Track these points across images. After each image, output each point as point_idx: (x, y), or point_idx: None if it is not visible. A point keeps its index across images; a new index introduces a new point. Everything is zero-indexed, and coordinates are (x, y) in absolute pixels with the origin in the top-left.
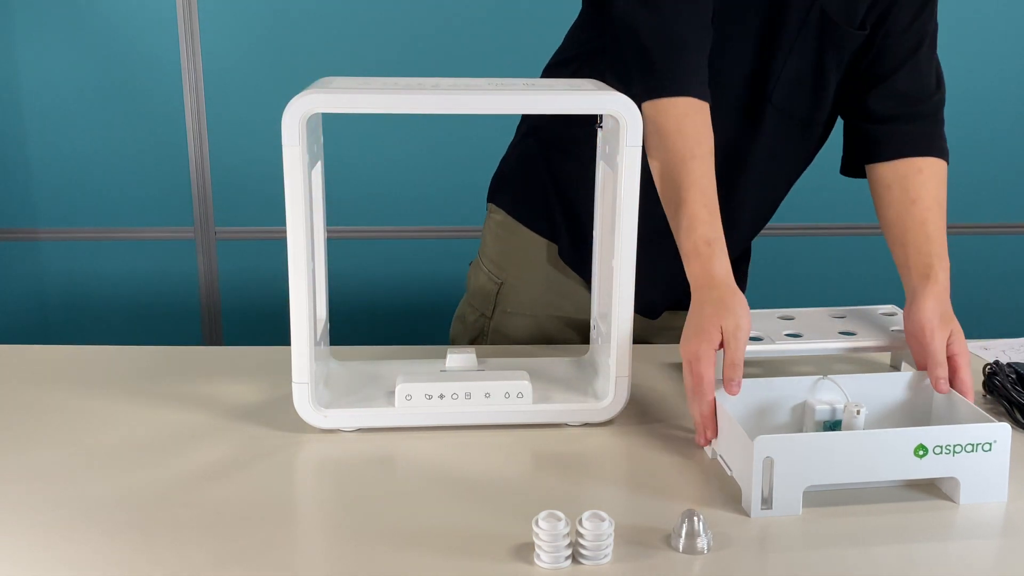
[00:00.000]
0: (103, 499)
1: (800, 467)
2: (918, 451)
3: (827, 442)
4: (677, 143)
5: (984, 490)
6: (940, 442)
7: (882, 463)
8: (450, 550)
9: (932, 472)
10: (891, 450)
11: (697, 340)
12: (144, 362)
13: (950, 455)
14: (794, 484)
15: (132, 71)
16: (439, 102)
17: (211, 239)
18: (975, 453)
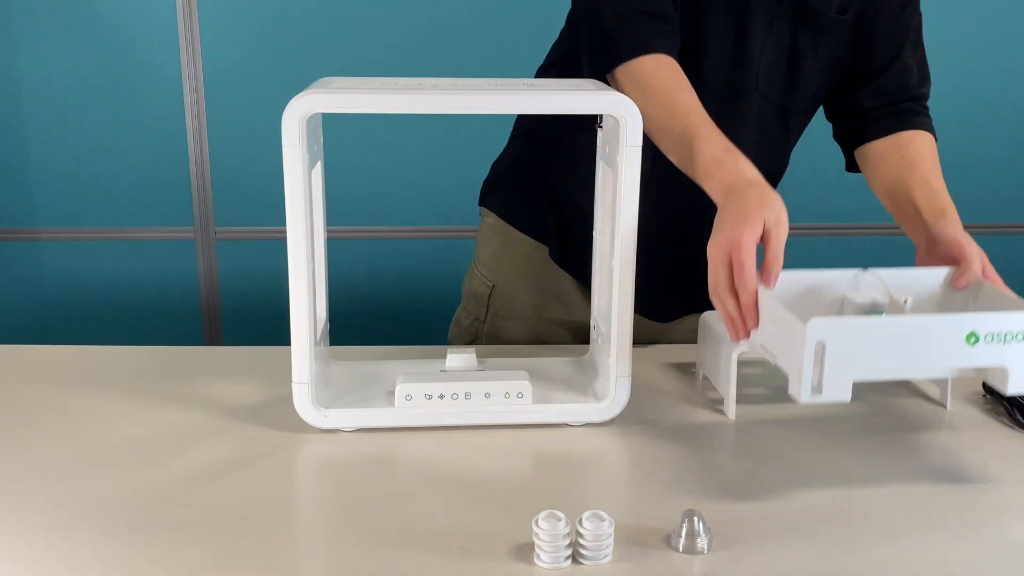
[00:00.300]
0: (103, 499)
1: (852, 353)
2: (969, 338)
3: (881, 327)
4: (659, 86)
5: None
6: (992, 329)
7: (934, 351)
8: (450, 550)
9: (982, 361)
10: (943, 337)
11: (740, 228)
12: (144, 362)
13: (1001, 343)
14: (845, 370)
15: (132, 71)
16: (439, 102)
17: (211, 239)
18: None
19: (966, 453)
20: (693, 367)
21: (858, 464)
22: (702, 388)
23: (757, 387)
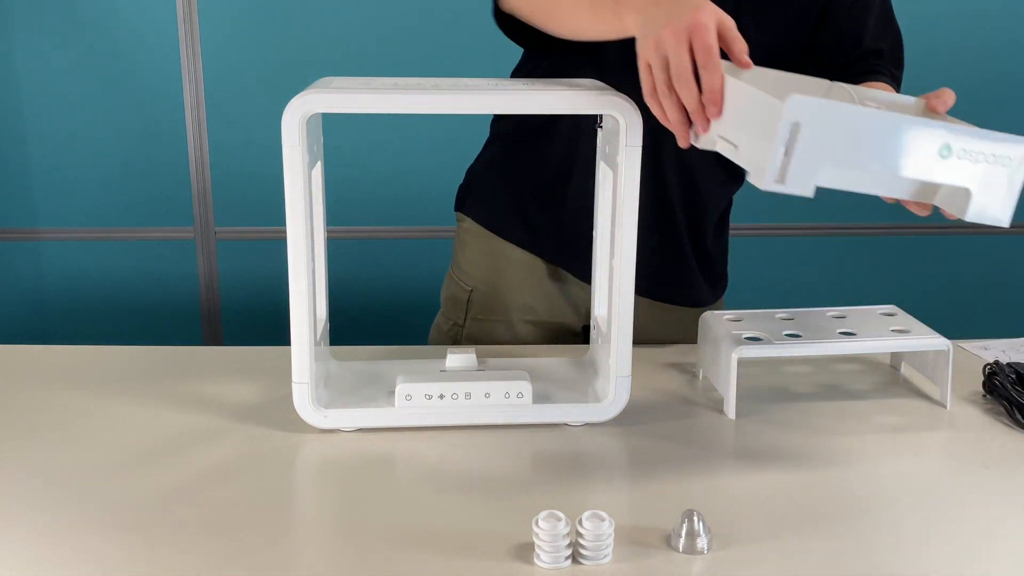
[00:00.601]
0: (103, 499)
1: (827, 140)
2: (943, 151)
3: (862, 116)
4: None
5: (990, 208)
6: (966, 145)
7: (907, 155)
8: (450, 550)
9: (949, 176)
10: (918, 142)
11: (697, 12)
12: (144, 362)
13: (971, 162)
14: (816, 159)
15: (132, 71)
16: (439, 102)
17: (211, 239)
18: (996, 167)
19: (966, 453)
20: (693, 367)
21: (858, 464)
22: (702, 388)
23: (757, 387)
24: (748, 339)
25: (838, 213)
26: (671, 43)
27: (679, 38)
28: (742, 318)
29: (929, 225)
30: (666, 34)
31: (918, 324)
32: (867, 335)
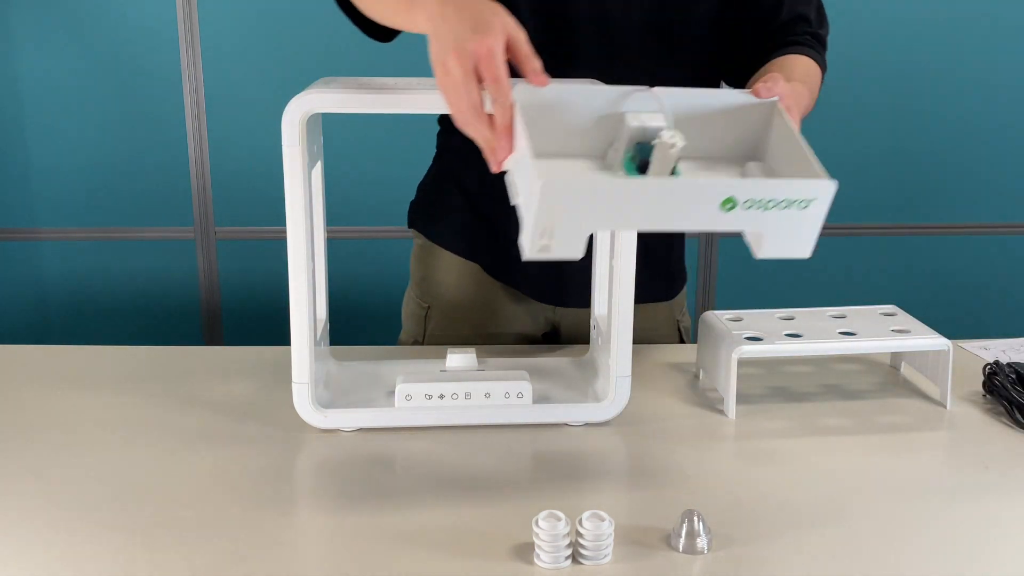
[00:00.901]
0: (103, 499)
1: (590, 213)
2: (725, 204)
3: (626, 190)
4: None
5: (788, 245)
6: (752, 196)
7: (683, 213)
8: (450, 550)
9: (736, 226)
10: (695, 201)
11: (483, 35)
12: (144, 362)
13: (761, 210)
14: (579, 228)
15: (132, 72)
16: (439, 102)
17: (211, 239)
18: (789, 210)
19: (966, 453)
20: (693, 367)
21: (858, 464)
22: (702, 388)
23: (757, 387)
24: (748, 339)
25: (838, 213)
26: (458, 72)
27: (465, 67)
28: (742, 318)
29: (929, 225)
30: (452, 61)
31: (918, 324)
32: (867, 335)
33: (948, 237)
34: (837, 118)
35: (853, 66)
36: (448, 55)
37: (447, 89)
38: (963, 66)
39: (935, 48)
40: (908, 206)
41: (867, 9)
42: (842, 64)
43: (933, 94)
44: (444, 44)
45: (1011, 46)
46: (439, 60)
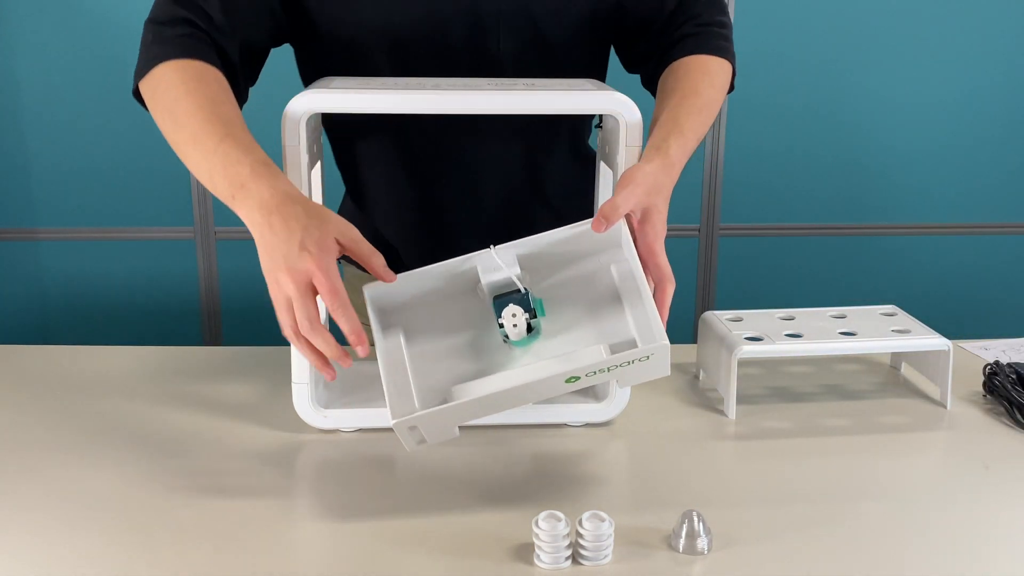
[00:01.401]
0: (103, 499)
1: (444, 422)
2: (570, 381)
3: (469, 407)
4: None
5: (645, 376)
6: (592, 370)
7: (535, 394)
8: (450, 550)
9: (587, 384)
10: (540, 390)
11: (314, 253)
12: (144, 362)
13: (605, 373)
14: (443, 432)
15: (132, 71)
16: (439, 102)
17: (211, 239)
18: (631, 366)
19: (966, 453)
20: (693, 367)
21: (858, 464)
22: (702, 388)
23: (757, 387)
24: (748, 339)
25: (838, 213)
26: (292, 289)
27: (299, 284)
28: (742, 318)
29: (929, 225)
30: (284, 278)
31: (918, 324)
32: (867, 335)
33: (948, 237)
34: (837, 118)
35: (854, 65)
36: (280, 272)
37: (280, 305)
38: (963, 66)
39: (935, 48)
40: (908, 206)
41: (852, 7)
42: (843, 63)
43: (933, 94)
44: (275, 261)
45: (1010, 46)
46: (271, 275)
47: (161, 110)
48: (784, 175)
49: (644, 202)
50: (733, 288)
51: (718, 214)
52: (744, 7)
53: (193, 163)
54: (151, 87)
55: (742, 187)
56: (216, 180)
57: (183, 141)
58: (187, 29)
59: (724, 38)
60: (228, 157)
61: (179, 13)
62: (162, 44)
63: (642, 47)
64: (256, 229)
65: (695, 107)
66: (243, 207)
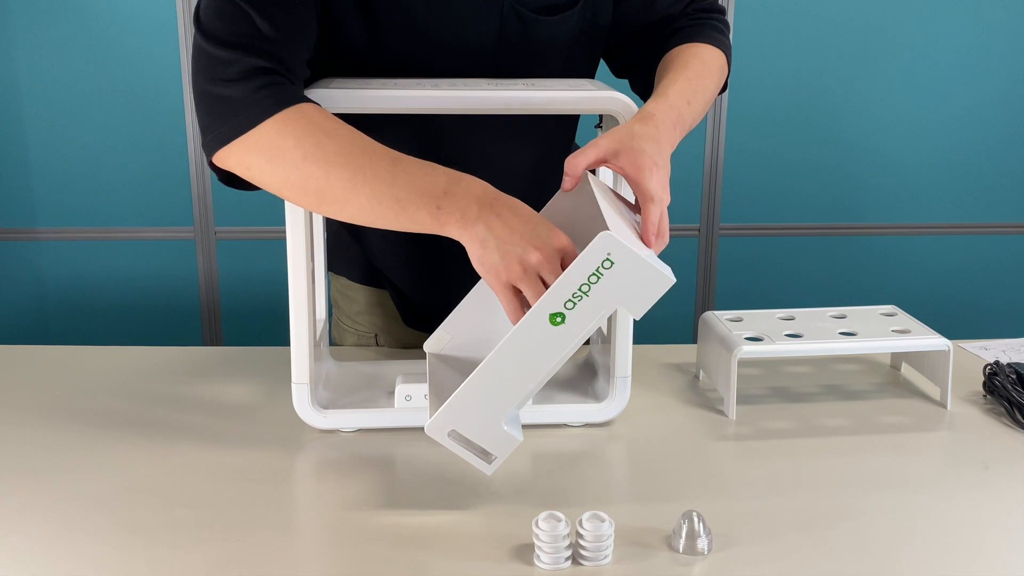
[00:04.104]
0: (102, 499)
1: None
2: (555, 320)
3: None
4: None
5: (646, 294)
6: (562, 297)
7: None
8: (450, 550)
9: (588, 322)
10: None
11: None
12: (144, 362)
13: (585, 298)
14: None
15: (132, 71)
16: (439, 101)
17: (211, 239)
18: (603, 278)
19: (966, 453)
20: (693, 367)
21: (858, 464)
22: (702, 388)
23: (757, 387)
24: (748, 339)
25: (838, 213)
26: (539, 259)
27: (551, 258)
28: (742, 318)
29: (929, 225)
30: (532, 254)
31: (918, 324)
32: (867, 335)
33: (948, 237)
34: (837, 118)
35: (854, 65)
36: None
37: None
38: (963, 67)
39: (936, 49)
40: (908, 206)
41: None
42: (843, 64)
43: (933, 94)
44: (514, 244)
45: (1010, 46)
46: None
47: (294, 165)
48: (784, 175)
49: (612, 148)
50: (733, 288)
51: (718, 214)
52: (744, 8)
53: (364, 202)
54: (262, 147)
55: (742, 187)
56: (409, 202)
57: (342, 184)
58: (273, 78)
59: (718, 30)
60: (414, 174)
61: (253, 63)
62: (256, 99)
63: (635, 53)
64: (481, 224)
65: (680, 76)
66: (455, 212)
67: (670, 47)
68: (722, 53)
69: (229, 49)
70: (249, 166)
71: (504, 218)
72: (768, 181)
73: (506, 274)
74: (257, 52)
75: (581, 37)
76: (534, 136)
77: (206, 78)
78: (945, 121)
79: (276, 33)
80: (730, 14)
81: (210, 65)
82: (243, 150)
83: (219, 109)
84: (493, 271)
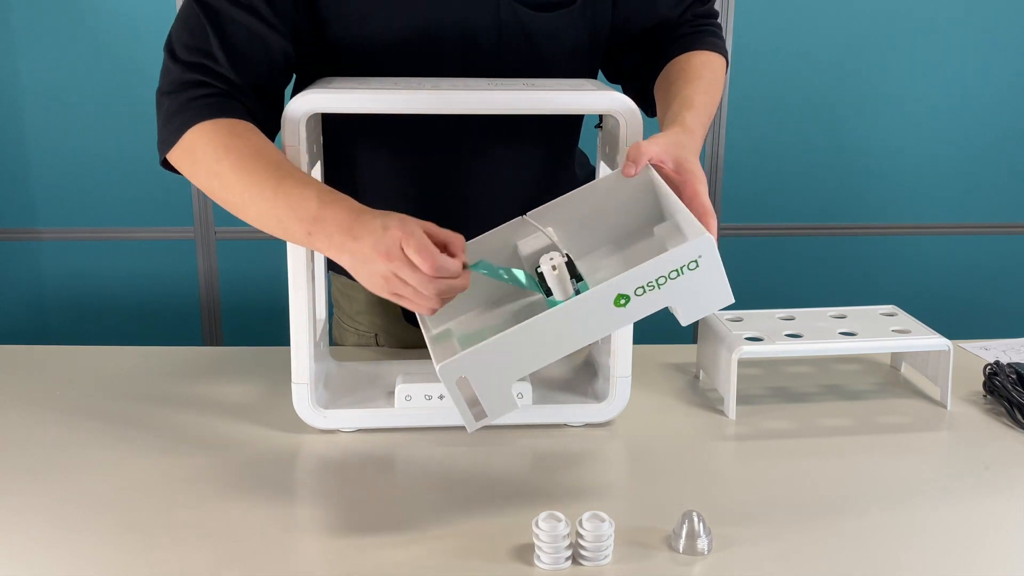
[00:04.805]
0: (103, 499)
1: (500, 370)
2: (619, 302)
3: (513, 341)
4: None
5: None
6: (639, 283)
7: (587, 328)
8: (450, 550)
9: (643, 312)
10: (591, 314)
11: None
12: (144, 362)
13: (656, 289)
14: (498, 385)
15: (132, 71)
16: (439, 101)
17: (211, 239)
18: (681, 277)
19: (966, 453)
20: (693, 367)
21: (858, 464)
22: (702, 388)
23: (757, 387)
24: (748, 339)
25: (838, 213)
26: (390, 267)
27: (395, 258)
28: (742, 318)
29: (929, 225)
30: (381, 265)
31: (918, 324)
32: (867, 335)
33: (948, 237)
34: (838, 118)
35: (854, 65)
36: (377, 263)
37: (404, 297)
38: (963, 66)
39: (936, 48)
40: (909, 206)
41: (851, 8)
42: (843, 63)
43: (933, 94)
44: (368, 260)
45: (1011, 46)
46: (373, 278)
47: (204, 174)
48: (784, 175)
49: (672, 152)
50: (733, 288)
51: (718, 214)
52: (744, 7)
53: (255, 216)
54: (185, 154)
55: (742, 187)
56: (287, 223)
57: (238, 198)
58: (204, 90)
59: (718, 35)
60: (291, 197)
61: (189, 77)
62: (184, 111)
63: (633, 57)
64: (343, 250)
65: (700, 88)
66: (322, 237)
67: (675, 53)
68: (725, 61)
69: (175, 61)
70: (182, 169)
71: (361, 240)
72: (768, 181)
73: (384, 289)
74: (198, 68)
75: (581, 35)
76: (537, 137)
77: (159, 85)
78: (945, 121)
79: (224, 50)
80: (731, 14)
81: (163, 74)
82: (176, 156)
83: (162, 116)
84: (372, 289)
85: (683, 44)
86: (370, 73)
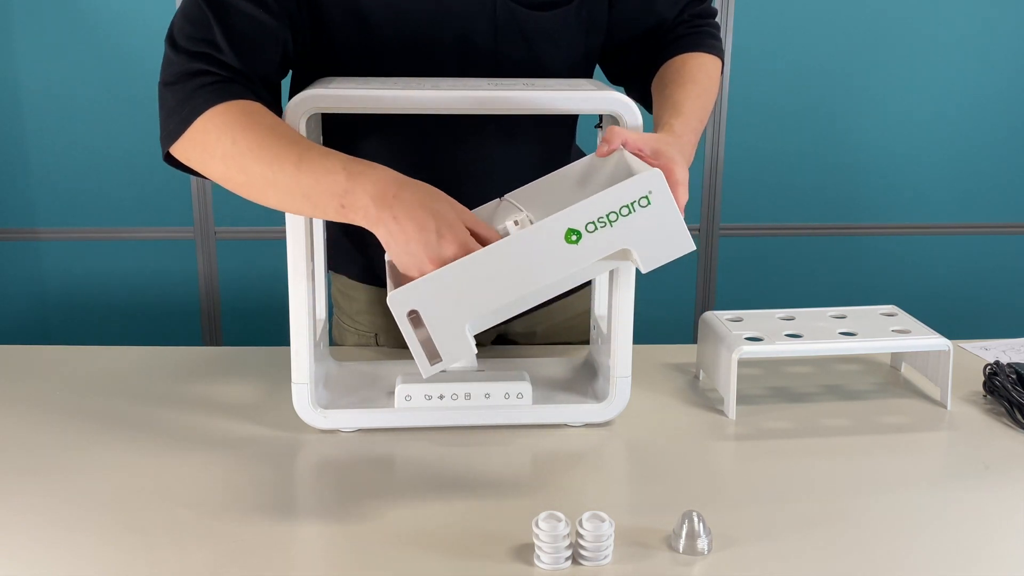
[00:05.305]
0: (102, 499)
1: (450, 307)
2: (570, 237)
3: (462, 269)
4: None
5: (666, 247)
6: (588, 217)
7: (540, 265)
8: (450, 550)
9: (597, 252)
10: (541, 250)
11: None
12: (144, 362)
13: (608, 226)
14: (453, 326)
15: (132, 71)
16: (439, 101)
17: (211, 239)
18: (633, 214)
19: (966, 453)
20: (693, 367)
21: (858, 464)
22: (702, 388)
23: (757, 387)
24: (748, 339)
25: (838, 213)
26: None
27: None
28: (742, 318)
29: (929, 225)
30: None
31: (918, 324)
32: (867, 335)
33: (948, 237)
34: (837, 118)
35: (854, 65)
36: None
37: None
38: (963, 67)
39: (936, 49)
40: (908, 206)
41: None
42: (843, 63)
43: (933, 94)
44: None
45: (1011, 46)
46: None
47: (218, 160)
48: (784, 175)
49: (651, 143)
50: (733, 288)
51: (718, 214)
52: (744, 7)
53: (280, 196)
54: (195, 144)
55: (742, 187)
56: (317, 199)
57: (258, 180)
58: (210, 78)
59: (716, 37)
60: (317, 171)
61: (193, 66)
62: (191, 99)
63: (632, 58)
64: (381, 227)
65: (693, 92)
66: (357, 211)
67: (671, 54)
68: (720, 63)
69: (178, 52)
70: (191, 161)
71: (400, 221)
72: (768, 181)
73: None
74: (202, 57)
75: (578, 35)
76: (534, 135)
77: (161, 78)
78: (945, 121)
79: (228, 40)
80: (731, 14)
81: (165, 66)
82: (184, 147)
83: (165, 108)
84: (403, 269)
85: (679, 46)
86: (368, 72)
